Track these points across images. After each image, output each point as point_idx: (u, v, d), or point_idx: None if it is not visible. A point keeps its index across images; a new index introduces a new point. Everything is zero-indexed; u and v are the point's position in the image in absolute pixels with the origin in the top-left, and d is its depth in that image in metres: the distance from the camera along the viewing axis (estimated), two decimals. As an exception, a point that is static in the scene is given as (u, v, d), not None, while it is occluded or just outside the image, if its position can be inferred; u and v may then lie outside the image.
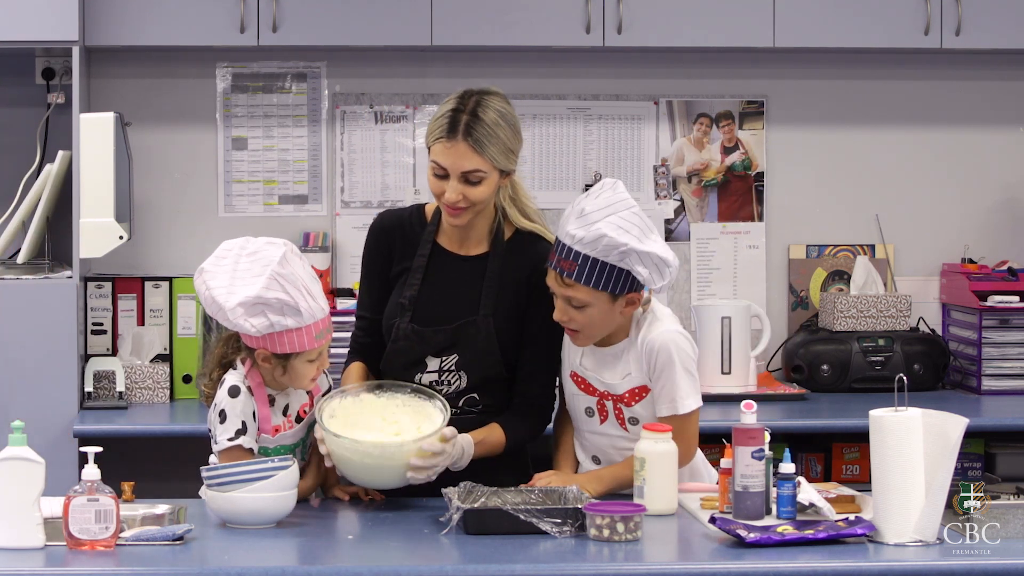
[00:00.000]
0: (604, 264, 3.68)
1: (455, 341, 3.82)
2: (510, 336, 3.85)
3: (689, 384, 3.77)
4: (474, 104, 3.75)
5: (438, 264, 3.87)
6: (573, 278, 3.69)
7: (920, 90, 5.82)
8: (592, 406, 3.83)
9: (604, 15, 5.35)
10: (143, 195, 5.55)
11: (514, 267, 3.86)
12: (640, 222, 3.70)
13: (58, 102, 5.41)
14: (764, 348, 5.54)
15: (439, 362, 3.83)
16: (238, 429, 3.64)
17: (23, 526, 3.26)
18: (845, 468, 5.37)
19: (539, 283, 3.81)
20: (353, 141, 5.68)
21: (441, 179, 3.75)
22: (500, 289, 3.84)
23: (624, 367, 3.80)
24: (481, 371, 3.84)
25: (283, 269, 3.60)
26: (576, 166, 5.74)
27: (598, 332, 3.77)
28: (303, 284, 3.62)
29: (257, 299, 3.57)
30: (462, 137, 3.71)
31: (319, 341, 3.66)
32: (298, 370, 3.68)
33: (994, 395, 5.50)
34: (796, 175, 5.81)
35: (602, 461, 3.85)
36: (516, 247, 3.89)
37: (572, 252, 3.69)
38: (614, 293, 3.71)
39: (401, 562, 3.27)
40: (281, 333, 3.62)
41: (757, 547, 3.29)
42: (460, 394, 3.85)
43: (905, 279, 5.81)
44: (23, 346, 4.99)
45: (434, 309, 3.84)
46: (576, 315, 3.73)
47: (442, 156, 3.73)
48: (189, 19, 5.25)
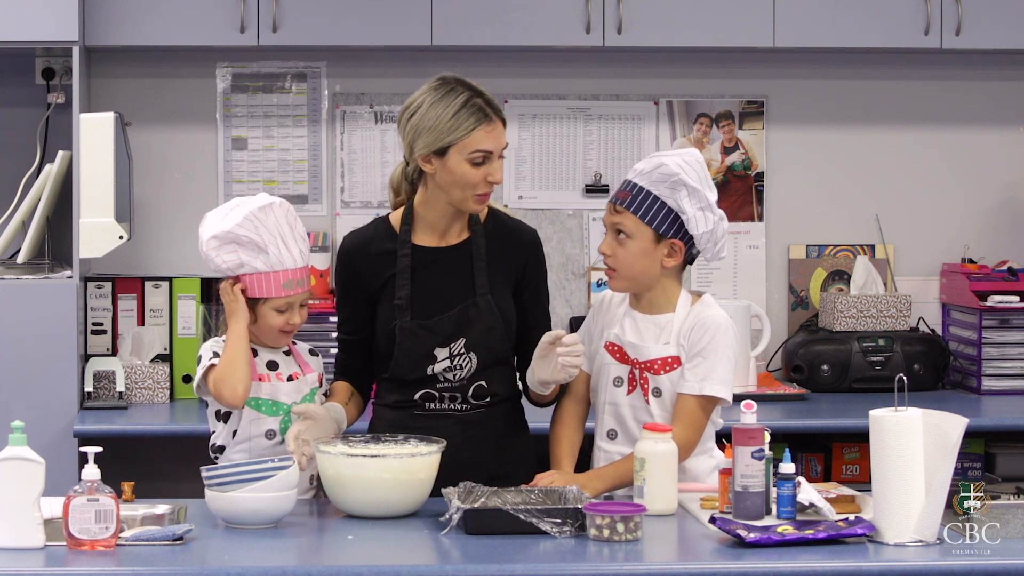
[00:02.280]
0: (656, 198, 3.78)
1: (460, 325, 3.84)
2: (509, 312, 3.90)
3: (727, 373, 3.79)
4: (471, 86, 3.81)
5: (422, 260, 3.88)
6: (624, 205, 3.80)
7: (920, 90, 5.82)
8: (623, 375, 3.85)
9: (604, 15, 5.35)
10: (143, 195, 5.55)
11: (500, 246, 3.91)
12: (700, 169, 3.82)
13: (58, 102, 5.41)
14: (764, 348, 5.55)
15: (448, 350, 3.85)
16: (210, 357, 3.75)
17: (23, 526, 3.26)
18: (845, 468, 5.37)
19: (533, 258, 3.93)
20: (353, 141, 5.68)
21: (479, 166, 3.78)
22: (490, 268, 3.88)
23: (664, 336, 3.82)
24: (488, 351, 3.86)
25: (262, 213, 3.75)
26: (576, 166, 5.74)
27: (637, 275, 3.82)
28: (279, 232, 3.76)
29: (228, 233, 3.71)
30: (496, 116, 3.80)
31: (287, 291, 3.76)
32: (266, 318, 3.78)
33: (994, 395, 5.51)
34: (796, 175, 5.81)
35: (618, 434, 3.85)
36: (496, 228, 3.93)
37: (630, 184, 3.82)
38: (659, 231, 3.78)
39: (401, 562, 3.27)
40: (251, 276, 3.74)
41: (757, 547, 3.29)
42: (471, 380, 3.86)
43: (905, 279, 5.81)
44: (23, 346, 5.00)
45: (431, 302, 3.86)
46: (619, 249, 3.81)
47: (487, 140, 3.78)
48: (189, 19, 5.25)
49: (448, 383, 3.86)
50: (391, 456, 3.56)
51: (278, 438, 3.77)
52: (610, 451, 3.87)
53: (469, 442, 3.83)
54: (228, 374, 3.71)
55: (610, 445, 3.86)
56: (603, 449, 3.89)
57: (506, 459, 3.90)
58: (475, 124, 3.77)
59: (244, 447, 3.77)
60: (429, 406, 3.87)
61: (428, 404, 3.87)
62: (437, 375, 3.85)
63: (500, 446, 3.91)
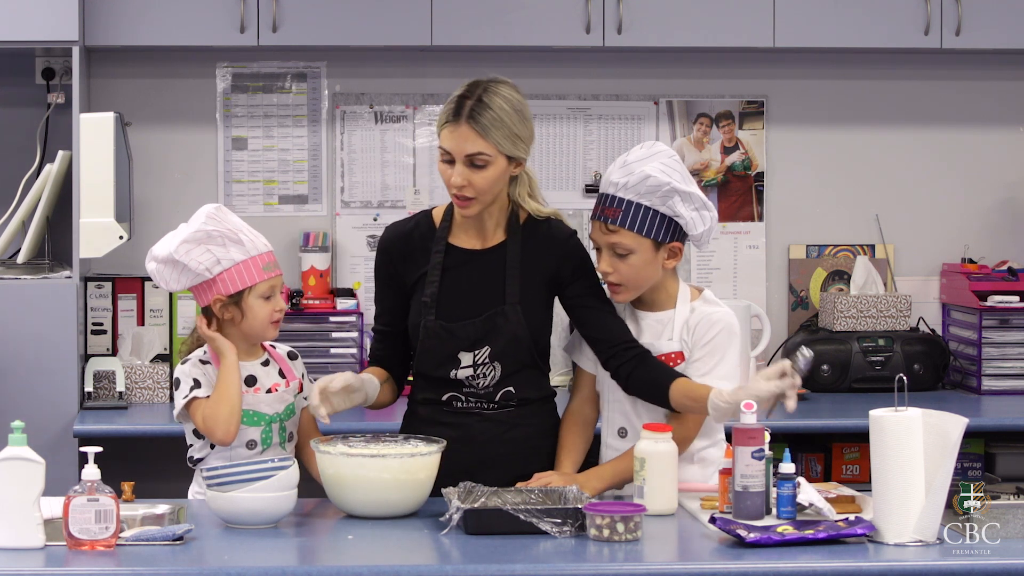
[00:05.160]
0: (648, 209, 3.75)
1: (486, 332, 3.82)
2: (540, 321, 3.87)
3: (731, 368, 3.79)
4: (481, 91, 3.79)
5: (455, 261, 3.86)
6: (618, 224, 3.77)
7: (920, 90, 5.82)
8: None
9: (604, 15, 5.35)
10: (143, 195, 5.55)
11: (534, 251, 3.86)
12: (681, 168, 3.80)
13: (58, 102, 5.41)
14: (764, 348, 5.54)
15: (472, 356, 3.83)
16: (192, 386, 3.73)
17: (23, 526, 3.26)
18: (845, 468, 5.37)
19: (573, 256, 3.86)
20: (353, 141, 5.68)
21: (449, 164, 3.77)
22: (523, 274, 3.85)
23: (667, 332, 3.83)
24: (514, 360, 3.84)
25: (218, 212, 3.78)
26: (576, 166, 5.74)
27: (642, 284, 3.81)
28: (240, 223, 3.79)
29: (197, 232, 3.73)
30: (465, 120, 3.74)
31: (267, 273, 3.77)
32: (255, 309, 3.76)
33: (994, 395, 5.51)
34: (796, 175, 5.81)
35: (628, 432, 3.85)
36: (532, 232, 3.88)
37: (616, 199, 3.78)
38: (657, 240, 3.77)
39: (401, 562, 3.27)
40: (230, 270, 3.74)
41: (757, 547, 3.29)
42: (496, 386, 3.85)
43: (905, 279, 5.81)
44: (23, 346, 4.99)
45: (459, 304, 3.84)
46: (620, 265, 3.79)
47: (448, 140, 3.76)
48: (189, 19, 5.25)
49: (473, 389, 3.85)
50: (391, 456, 3.56)
51: (259, 448, 3.75)
52: (620, 449, 3.86)
53: (499, 440, 3.82)
54: (220, 413, 3.69)
55: (621, 443, 3.86)
56: (613, 447, 3.88)
57: (530, 461, 3.85)
58: (443, 121, 3.77)
59: (225, 455, 3.76)
60: (457, 405, 3.86)
61: (456, 403, 3.86)
62: (462, 380, 3.84)
63: (532, 445, 3.89)
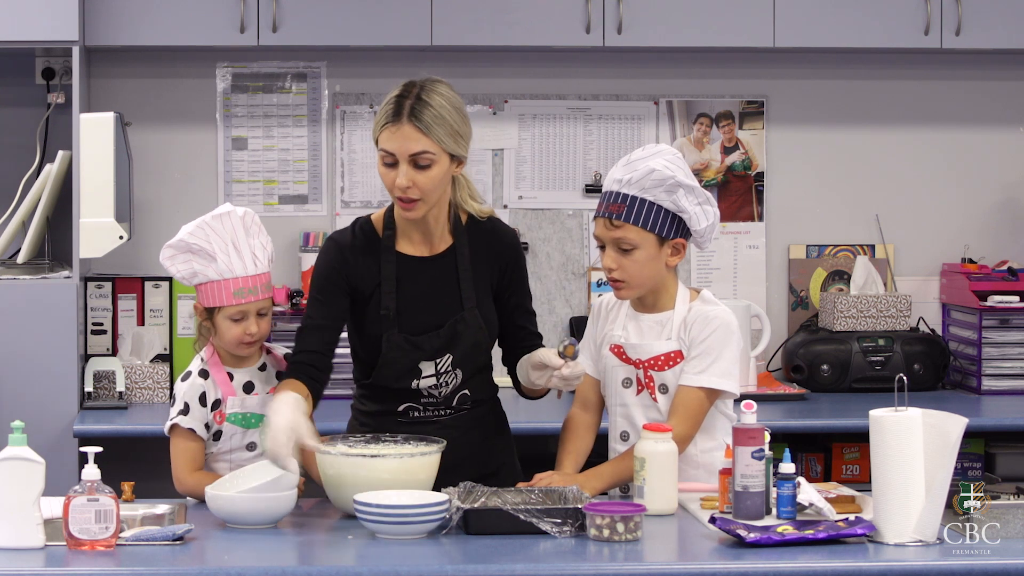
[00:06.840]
0: (652, 204, 3.75)
1: (449, 340, 3.81)
2: (494, 321, 3.87)
3: (729, 366, 3.79)
4: (419, 90, 3.74)
5: (407, 271, 3.82)
6: (622, 219, 3.76)
7: (920, 90, 5.82)
8: (631, 376, 3.84)
9: (604, 15, 5.35)
10: (143, 195, 5.55)
11: (482, 251, 3.86)
12: (684, 165, 3.81)
13: (58, 102, 5.41)
14: (764, 348, 5.55)
15: (434, 364, 3.82)
16: (180, 410, 3.74)
17: (23, 526, 3.26)
18: (845, 468, 5.37)
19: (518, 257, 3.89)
20: (353, 141, 5.68)
21: (391, 167, 3.71)
22: (476, 277, 3.84)
23: (666, 333, 3.82)
24: (474, 364, 3.85)
25: (216, 222, 3.72)
26: (576, 166, 5.74)
27: (645, 281, 3.80)
28: (232, 239, 3.72)
29: (180, 242, 3.72)
30: (407, 119, 3.69)
31: (238, 299, 3.72)
32: (221, 327, 3.75)
33: (994, 395, 5.51)
34: (796, 175, 5.81)
35: (630, 436, 3.84)
36: (476, 233, 3.87)
37: (620, 195, 3.78)
38: (662, 235, 3.76)
39: (401, 562, 3.26)
40: (205, 285, 3.74)
41: (757, 547, 3.29)
42: (455, 391, 3.85)
43: (905, 279, 5.81)
44: (23, 346, 5.00)
45: (419, 315, 3.81)
46: (624, 261, 3.78)
47: (389, 142, 3.70)
48: (189, 19, 5.25)
49: (433, 398, 3.85)
50: (391, 456, 3.56)
51: (259, 449, 3.74)
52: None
53: (454, 445, 3.76)
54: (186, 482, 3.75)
55: (623, 447, 3.86)
56: (617, 451, 3.88)
57: (491, 458, 3.90)
58: (383, 121, 3.71)
59: (225, 458, 3.77)
60: (414, 415, 3.86)
61: (412, 413, 3.86)
62: (422, 390, 3.83)
63: (484, 446, 3.91)
